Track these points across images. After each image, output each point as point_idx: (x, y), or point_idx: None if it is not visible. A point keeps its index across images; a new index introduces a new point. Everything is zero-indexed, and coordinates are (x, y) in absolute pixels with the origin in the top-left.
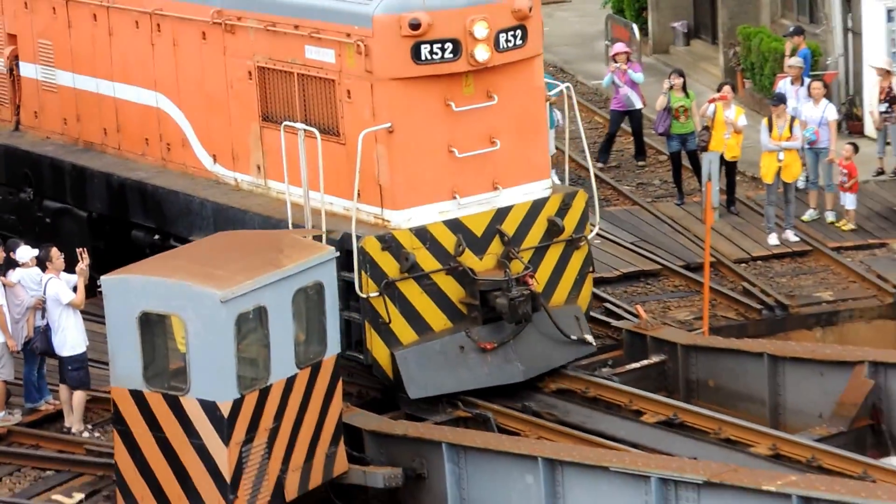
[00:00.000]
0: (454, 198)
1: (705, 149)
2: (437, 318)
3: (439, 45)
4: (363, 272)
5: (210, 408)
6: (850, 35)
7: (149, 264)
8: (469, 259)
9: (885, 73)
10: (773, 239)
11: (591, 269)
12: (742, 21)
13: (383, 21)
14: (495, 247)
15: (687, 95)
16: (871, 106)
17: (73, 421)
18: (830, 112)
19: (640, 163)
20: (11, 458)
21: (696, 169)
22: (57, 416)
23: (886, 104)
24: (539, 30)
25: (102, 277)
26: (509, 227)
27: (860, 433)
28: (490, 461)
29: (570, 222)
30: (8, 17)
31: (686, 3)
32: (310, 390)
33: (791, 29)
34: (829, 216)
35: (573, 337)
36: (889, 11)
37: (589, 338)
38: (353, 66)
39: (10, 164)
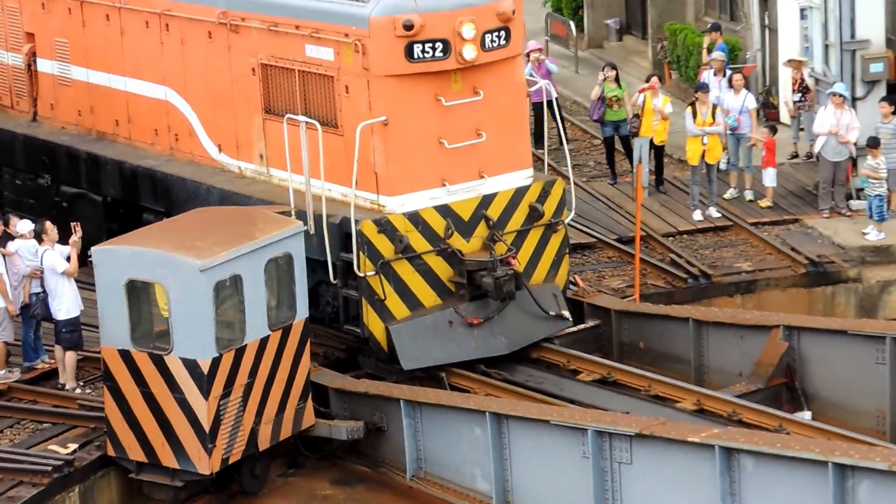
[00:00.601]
0: (444, 185)
1: (636, 134)
2: (427, 296)
3: (430, 45)
4: (361, 253)
5: (191, 365)
6: (766, 31)
7: (135, 237)
8: (457, 241)
9: (797, 65)
10: (697, 215)
11: (567, 251)
12: (669, 18)
13: (379, 22)
14: (481, 230)
15: (619, 86)
16: (786, 96)
17: (67, 378)
18: (750, 101)
19: (570, 147)
20: (11, 413)
21: (628, 152)
22: (52, 374)
23: (800, 94)
24: (521, 31)
25: (93, 248)
26: (494, 212)
27: (776, 390)
28: (443, 416)
29: (549, 208)
30: (26, 17)
31: (618, 2)
32: (281, 351)
33: (709, 25)
34: (748, 195)
35: (552, 313)
36: (802, 10)
37: (566, 313)
38: (350, 63)
39: (28, 152)
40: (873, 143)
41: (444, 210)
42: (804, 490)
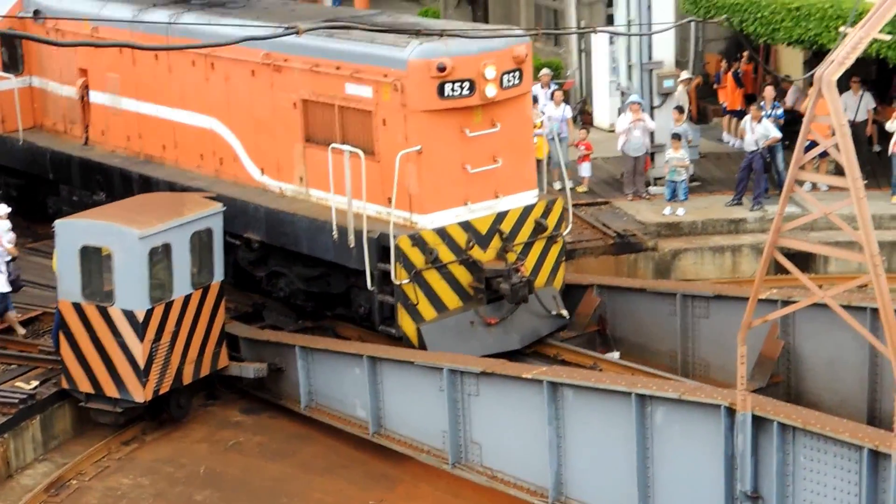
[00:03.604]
0: (466, 204)
1: None
2: (451, 299)
3: (459, 84)
4: (398, 264)
5: (130, 315)
6: (583, 55)
7: (88, 213)
8: (476, 252)
9: (689, 81)
10: None
11: (564, 259)
12: None
13: (416, 65)
14: (496, 242)
15: None
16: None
17: (19, 329)
18: (568, 112)
19: None
20: None
21: None
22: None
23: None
24: (530, 71)
25: (56, 221)
26: (506, 226)
27: (591, 336)
28: (330, 358)
29: (550, 223)
30: (80, 55)
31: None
32: (201, 305)
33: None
34: (569, 183)
35: (553, 312)
36: (610, 37)
37: (564, 312)
38: (388, 99)
39: (84, 171)
40: (676, 137)
41: (466, 225)
42: (613, 415)
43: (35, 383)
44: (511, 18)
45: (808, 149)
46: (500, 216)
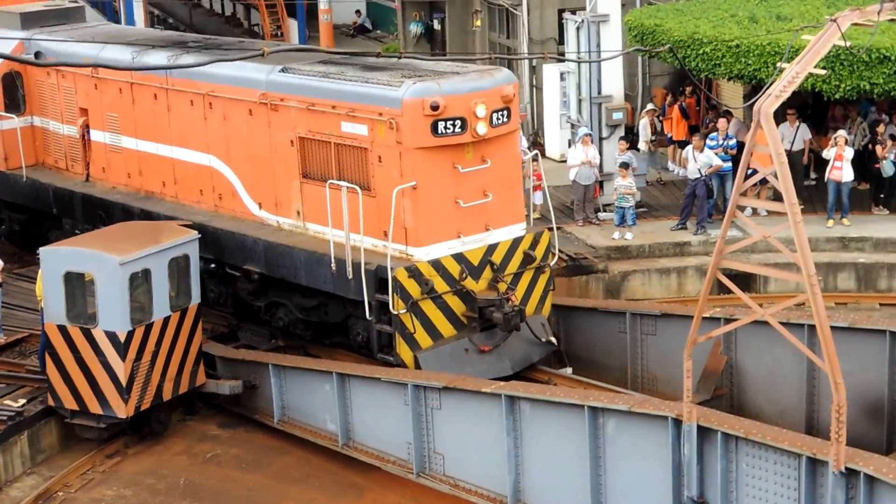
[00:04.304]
0: (459, 237)
1: None
2: (446, 328)
3: (451, 122)
4: (395, 294)
5: (112, 336)
6: (534, 90)
7: (71, 241)
8: (469, 283)
9: (651, 113)
10: None
11: (552, 288)
12: None
13: (410, 104)
14: (487, 273)
15: None
16: (646, 136)
17: None
18: (522, 142)
19: None
20: None
21: None
22: (7, 347)
23: (654, 136)
24: (517, 109)
25: (41, 249)
26: (497, 257)
27: (549, 354)
28: (301, 375)
29: (538, 253)
30: (80, 95)
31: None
32: (179, 327)
33: None
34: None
35: (542, 339)
36: (561, 73)
37: (553, 339)
38: (384, 137)
39: (86, 206)
40: (624, 166)
41: (459, 257)
42: (567, 426)
43: (22, 401)
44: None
45: (748, 177)
46: (491, 248)
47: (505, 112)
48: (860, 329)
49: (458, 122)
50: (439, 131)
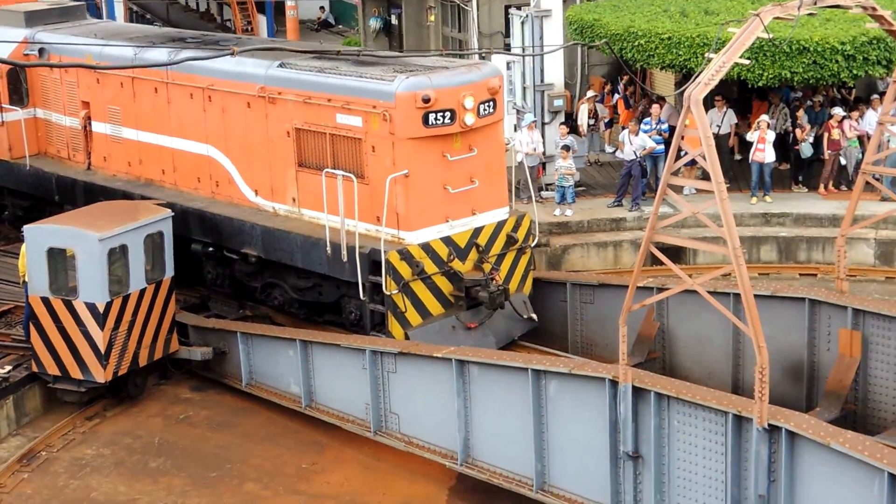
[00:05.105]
0: (447, 221)
1: None
2: (434, 306)
3: (441, 114)
4: (388, 276)
5: (92, 307)
6: None
7: (53, 219)
8: (456, 264)
9: (591, 100)
10: None
11: (533, 267)
12: None
13: (403, 97)
14: (472, 254)
15: None
16: (582, 121)
17: None
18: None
19: None
20: None
21: None
22: None
23: (592, 120)
24: (503, 100)
25: (24, 226)
26: (482, 240)
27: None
28: (267, 342)
29: (520, 235)
30: (82, 89)
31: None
32: (154, 298)
33: None
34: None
35: (524, 316)
36: (507, 63)
37: (534, 316)
38: (377, 128)
39: (88, 194)
40: (565, 148)
41: (447, 240)
42: (512, 387)
43: (8, 368)
44: (422, 48)
45: (679, 158)
46: (477, 231)
47: (491, 103)
48: (781, 297)
49: (448, 114)
50: (430, 122)
